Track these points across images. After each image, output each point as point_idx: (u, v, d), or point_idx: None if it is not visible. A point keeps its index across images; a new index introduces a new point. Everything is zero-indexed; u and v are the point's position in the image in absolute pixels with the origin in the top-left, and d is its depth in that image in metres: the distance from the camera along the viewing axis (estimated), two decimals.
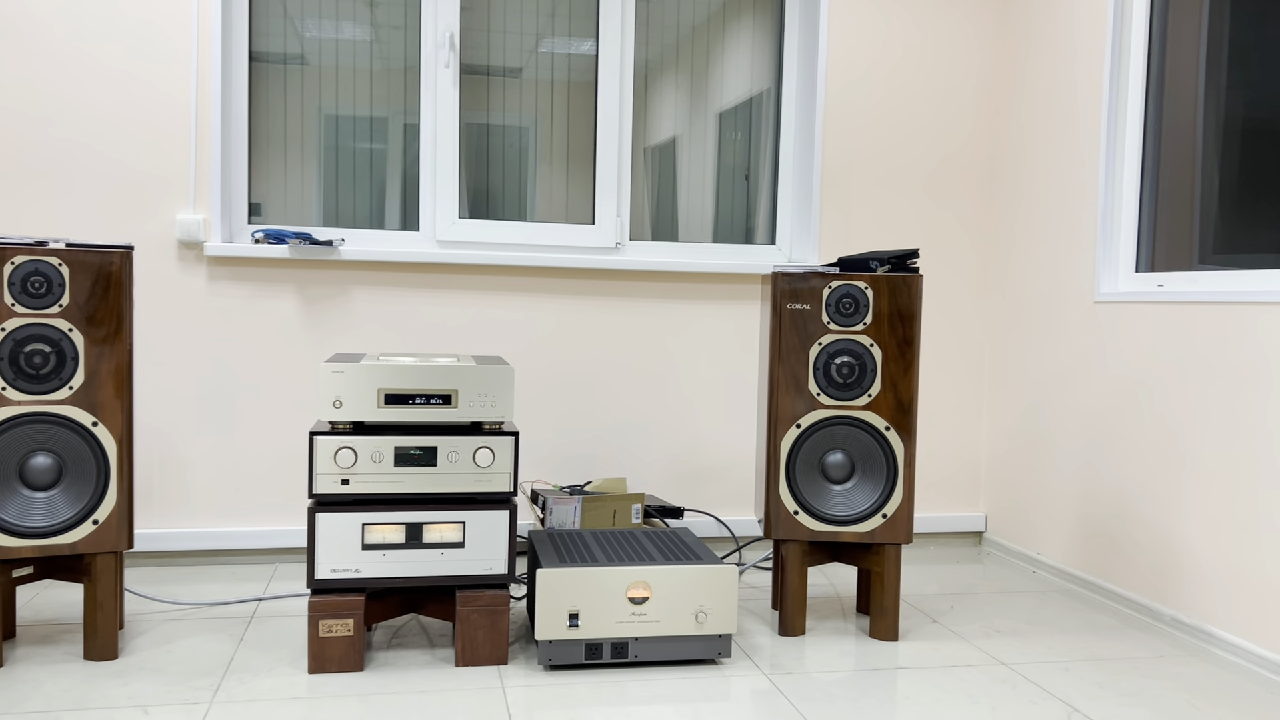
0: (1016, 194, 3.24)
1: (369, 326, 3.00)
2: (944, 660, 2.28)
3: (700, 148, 3.33)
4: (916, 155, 3.30)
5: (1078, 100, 2.95)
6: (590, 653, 2.15)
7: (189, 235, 2.84)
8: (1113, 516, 2.77)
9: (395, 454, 2.12)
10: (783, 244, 3.35)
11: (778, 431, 2.36)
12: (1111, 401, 2.78)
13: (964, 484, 3.40)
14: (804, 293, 2.35)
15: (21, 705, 1.91)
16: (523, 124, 3.21)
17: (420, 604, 2.25)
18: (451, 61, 3.09)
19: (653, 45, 3.27)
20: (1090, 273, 2.88)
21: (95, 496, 2.08)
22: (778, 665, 2.23)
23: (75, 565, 2.16)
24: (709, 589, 2.17)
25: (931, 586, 2.89)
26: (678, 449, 3.21)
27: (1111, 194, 2.83)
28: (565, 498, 2.74)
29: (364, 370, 2.12)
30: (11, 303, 2.02)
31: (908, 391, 2.36)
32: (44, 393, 2.05)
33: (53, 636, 2.29)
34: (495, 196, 3.20)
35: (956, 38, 3.30)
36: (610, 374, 3.16)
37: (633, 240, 3.26)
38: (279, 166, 3.06)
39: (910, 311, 2.36)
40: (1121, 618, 2.64)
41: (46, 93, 2.77)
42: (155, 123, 2.83)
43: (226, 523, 2.94)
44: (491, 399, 2.17)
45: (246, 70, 2.98)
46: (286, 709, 1.92)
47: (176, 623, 2.41)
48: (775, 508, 2.37)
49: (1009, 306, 3.26)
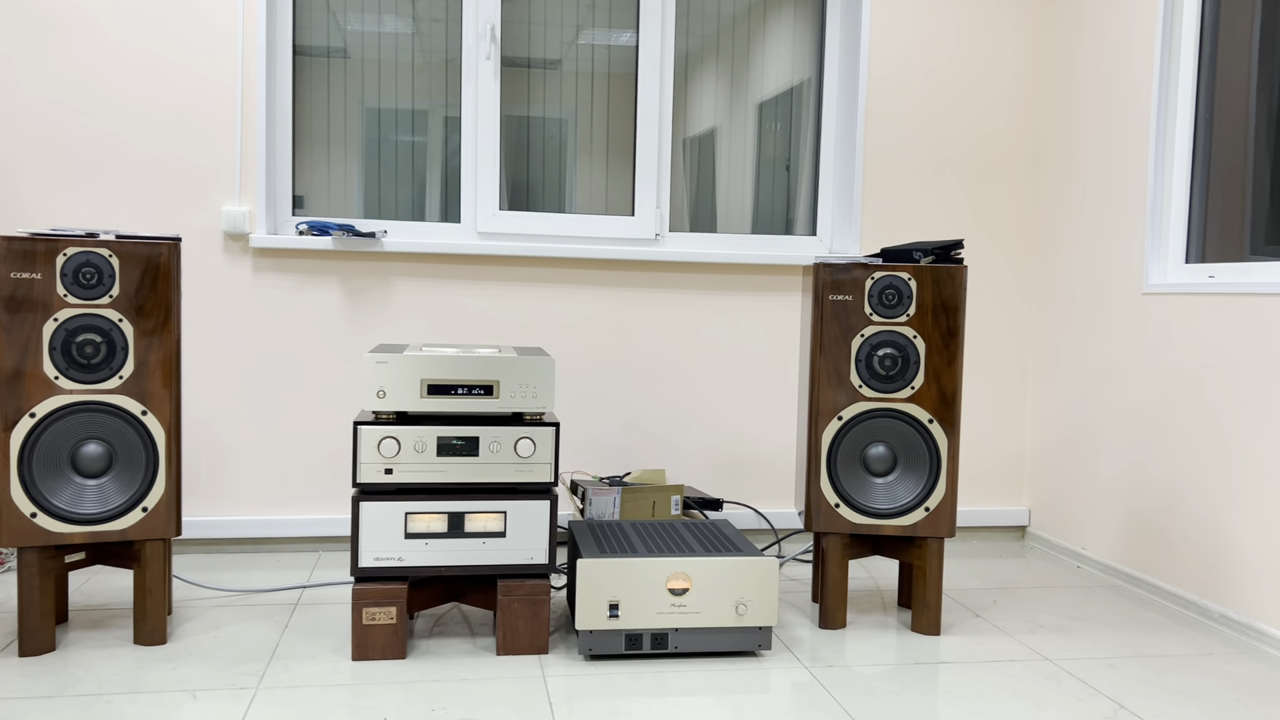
0: (1062, 183, 3.19)
1: (411, 317, 3.02)
2: (987, 655, 2.26)
3: (740, 138, 3.31)
4: (960, 144, 3.26)
5: (1126, 88, 2.90)
6: (630, 643, 2.15)
7: (235, 227, 2.88)
8: (1160, 511, 2.73)
9: (438, 444, 2.13)
10: (823, 235, 3.32)
11: (819, 424, 2.35)
12: (1160, 394, 2.73)
13: (1007, 478, 3.36)
14: (846, 284, 2.33)
15: (74, 688, 1.95)
16: (562, 116, 3.21)
17: (462, 593, 2.27)
18: (492, 54, 3.10)
19: (693, 36, 3.26)
20: (1138, 264, 2.83)
21: (145, 484, 2.12)
22: (818, 658, 2.22)
23: (125, 551, 2.20)
24: (749, 581, 2.17)
25: (974, 581, 2.86)
26: (717, 441, 3.21)
27: (1161, 183, 2.78)
28: (605, 489, 2.75)
29: (407, 361, 2.13)
30: (64, 293, 2.06)
31: (951, 384, 2.34)
32: (95, 382, 2.08)
33: (104, 621, 2.33)
34: (535, 188, 3.21)
35: (1001, 24, 3.25)
36: (650, 365, 3.16)
37: (672, 231, 3.26)
38: (322, 159, 3.09)
39: (954, 303, 2.33)
40: (1169, 614, 2.60)
41: (97, 87, 2.81)
42: (202, 117, 2.87)
43: (271, 511, 2.98)
44: (533, 390, 2.18)
45: (290, 64, 3.01)
46: (330, 695, 1.95)
47: (223, 609, 2.44)
48: (816, 500, 2.36)
49: (1054, 298, 3.22)
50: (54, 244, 2.05)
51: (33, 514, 2.04)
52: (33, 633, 2.09)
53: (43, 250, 2.04)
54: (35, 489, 2.05)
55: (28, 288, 2.03)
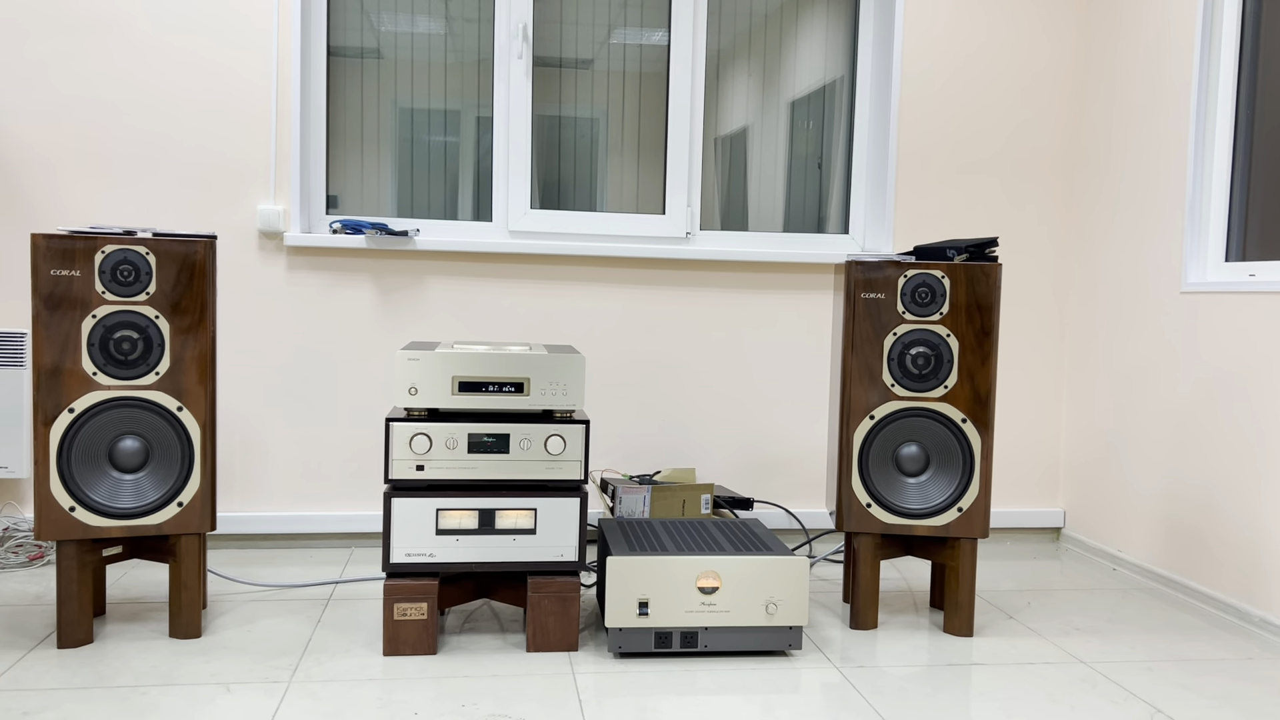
0: (1099, 181, 3.15)
1: (442, 315, 3.04)
2: (1020, 657, 2.24)
3: (772, 137, 3.30)
4: (994, 142, 3.23)
5: (1165, 83, 2.86)
6: (660, 641, 2.15)
7: (269, 225, 2.91)
8: (1199, 513, 2.68)
9: (469, 440, 2.14)
10: (856, 233, 3.30)
11: (850, 423, 2.34)
12: (1198, 394, 2.69)
13: (1042, 478, 3.32)
14: (878, 282, 2.32)
15: (111, 680, 1.97)
16: (594, 115, 3.21)
17: (492, 589, 2.28)
18: (524, 53, 3.10)
19: (724, 34, 3.25)
20: (1177, 262, 2.79)
21: (180, 479, 2.14)
22: (849, 658, 2.20)
23: (161, 546, 2.22)
24: (780, 580, 2.16)
25: (1007, 582, 2.83)
26: (747, 440, 3.20)
27: (1200, 181, 2.74)
28: (634, 487, 2.75)
29: (439, 358, 2.14)
30: (102, 290, 2.08)
31: (985, 383, 2.32)
32: (132, 378, 2.11)
33: (140, 614, 2.36)
34: (566, 187, 3.22)
35: (1036, 20, 3.22)
36: (680, 364, 3.15)
37: (703, 230, 3.25)
38: (355, 158, 3.12)
39: (989, 301, 2.31)
40: (1207, 618, 2.55)
41: (136, 88, 2.85)
42: (238, 117, 2.90)
43: (304, 507, 3.01)
44: (563, 387, 2.18)
45: (325, 65, 3.04)
46: (362, 690, 1.96)
47: (257, 604, 2.47)
48: (847, 500, 2.34)
49: (1090, 296, 3.18)
50: (93, 242, 2.08)
51: (71, 508, 2.07)
52: (71, 625, 2.12)
53: (82, 248, 2.07)
54: (74, 483, 2.08)
55: (67, 285, 2.06)
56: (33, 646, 2.14)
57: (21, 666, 2.03)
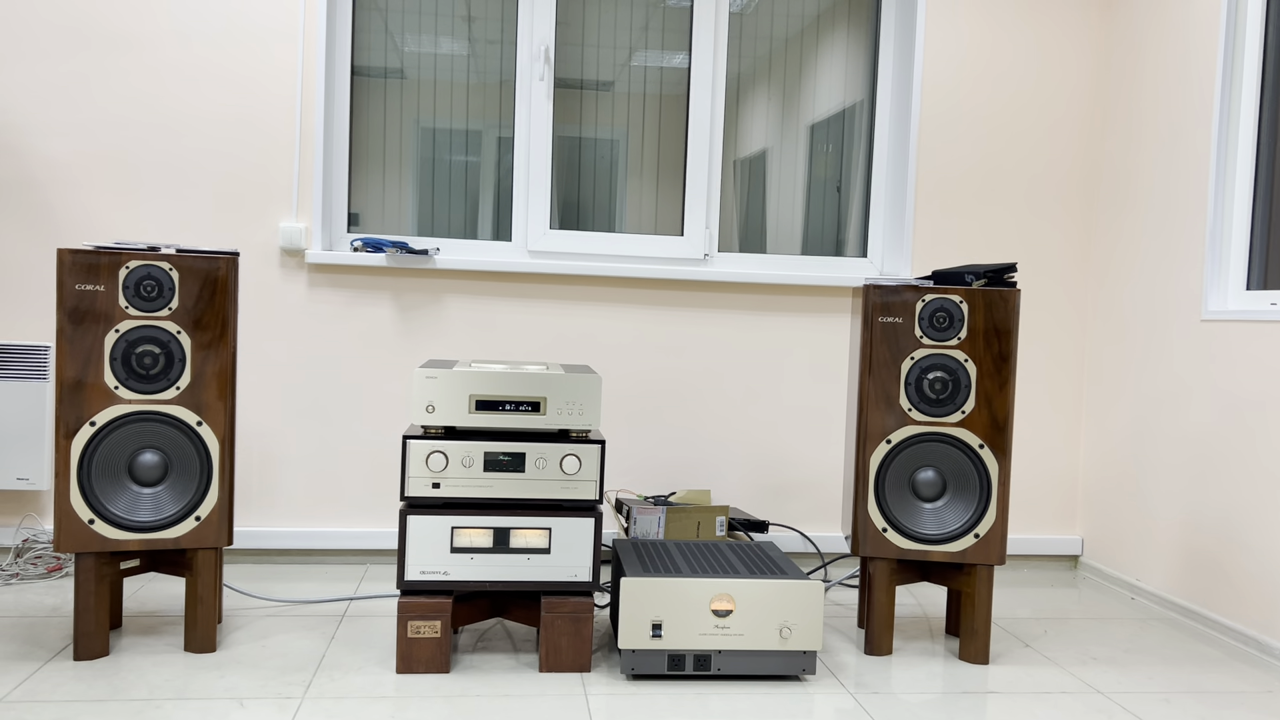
0: (1118, 207, 3.14)
1: (461, 334, 3.05)
2: (1037, 686, 2.22)
3: (791, 160, 3.31)
4: (1014, 167, 3.23)
5: (1187, 111, 2.85)
6: (673, 664, 2.14)
7: (291, 243, 2.94)
8: (1219, 544, 2.66)
9: (485, 459, 2.15)
10: (874, 257, 3.30)
11: (867, 447, 2.33)
12: (1219, 423, 2.67)
13: (1060, 506, 3.30)
14: (896, 306, 2.32)
15: (126, 693, 1.98)
16: (614, 136, 3.23)
17: (505, 608, 2.28)
18: (546, 74, 3.13)
19: (745, 58, 3.27)
20: (1197, 289, 2.77)
21: (198, 494, 2.16)
22: (863, 684, 2.19)
23: (178, 559, 2.24)
24: (794, 604, 2.15)
25: (1024, 610, 2.81)
26: (763, 462, 3.19)
27: (1222, 208, 2.73)
28: (649, 508, 2.75)
29: (456, 376, 2.15)
30: (125, 305, 2.11)
31: (1003, 409, 2.31)
32: (153, 392, 2.13)
33: (155, 628, 2.37)
34: (585, 208, 3.23)
35: (1057, 47, 3.22)
36: (696, 385, 3.15)
37: (721, 252, 3.26)
38: (377, 178, 3.14)
39: (1007, 327, 2.31)
40: (1227, 650, 2.52)
41: (163, 105, 2.89)
42: (262, 136, 2.93)
43: (320, 523, 3.02)
44: (579, 407, 2.18)
45: (349, 84, 3.07)
46: (374, 707, 1.96)
47: (271, 619, 2.47)
48: (863, 524, 2.34)
49: (1109, 323, 3.16)
50: (117, 257, 2.10)
51: (90, 520, 2.09)
52: (88, 637, 2.14)
53: (106, 263, 2.09)
54: (94, 496, 2.09)
55: (91, 299, 2.09)
56: (49, 658, 2.15)
57: (38, 678, 2.04)
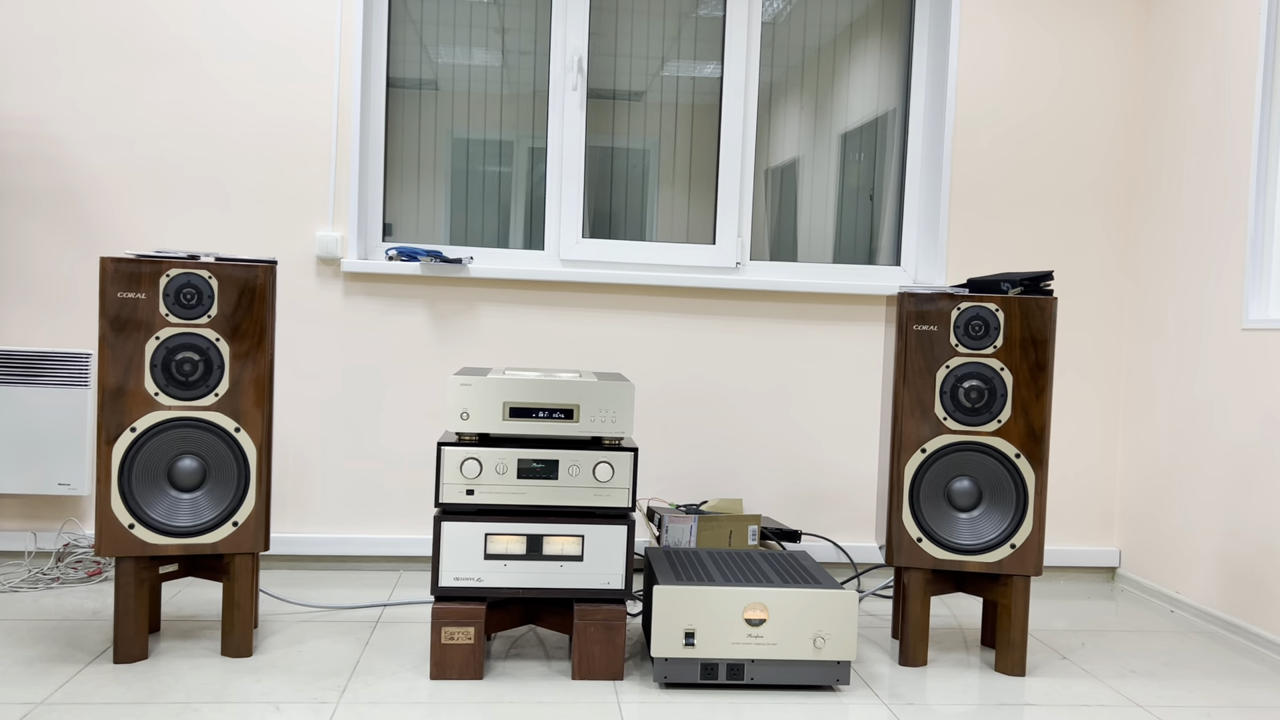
0: (1156, 215, 3.11)
1: (494, 341, 3.07)
2: (1074, 699, 2.19)
3: (823, 168, 3.30)
4: (1050, 174, 3.20)
5: (1226, 117, 2.82)
6: (706, 672, 2.13)
7: (327, 252, 2.97)
8: (1261, 556, 2.61)
9: (518, 466, 2.16)
10: (907, 265, 3.29)
11: (901, 456, 2.32)
12: (1260, 433, 2.63)
13: (1097, 517, 3.26)
14: (931, 314, 2.30)
15: (164, 696, 2.00)
16: (645, 146, 3.24)
17: (538, 615, 2.28)
18: (579, 85, 3.15)
19: (777, 67, 3.27)
20: (1238, 298, 2.74)
21: (236, 499, 2.18)
22: (897, 695, 2.17)
23: (216, 564, 2.26)
24: (828, 614, 2.14)
25: (1060, 622, 2.77)
26: (795, 471, 3.18)
27: (1263, 215, 2.69)
28: (681, 516, 2.74)
29: (490, 384, 2.17)
30: (165, 313, 2.14)
31: (1040, 418, 2.29)
32: (192, 399, 2.16)
33: (193, 632, 2.40)
34: (617, 217, 3.24)
35: (1093, 54, 3.19)
36: (728, 393, 3.15)
37: (753, 260, 3.26)
38: (411, 187, 3.17)
39: (1043, 335, 2.29)
40: (1270, 664, 2.48)
41: (202, 116, 2.94)
42: (299, 146, 2.97)
43: (355, 529, 3.04)
44: (612, 414, 2.19)
45: (384, 96, 3.10)
46: (408, 713, 1.97)
47: (307, 624, 2.49)
48: (898, 534, 2.32)
49: (1148, 332, 3.13)
50: (158, 265, 2.14)
51: (130, 525, 2.12)
52: (127, 640, 2.16)
53: (147, 271, 2.13)
54: (134, 501, 2.12)
55: (132, 307, 2.12)
56: (89, 661, 2.18)
57: (78, 680, 2.07)
